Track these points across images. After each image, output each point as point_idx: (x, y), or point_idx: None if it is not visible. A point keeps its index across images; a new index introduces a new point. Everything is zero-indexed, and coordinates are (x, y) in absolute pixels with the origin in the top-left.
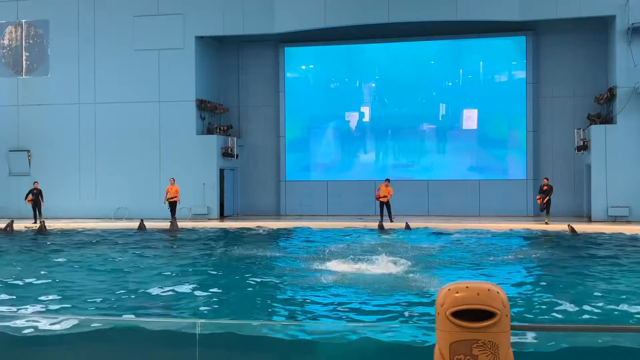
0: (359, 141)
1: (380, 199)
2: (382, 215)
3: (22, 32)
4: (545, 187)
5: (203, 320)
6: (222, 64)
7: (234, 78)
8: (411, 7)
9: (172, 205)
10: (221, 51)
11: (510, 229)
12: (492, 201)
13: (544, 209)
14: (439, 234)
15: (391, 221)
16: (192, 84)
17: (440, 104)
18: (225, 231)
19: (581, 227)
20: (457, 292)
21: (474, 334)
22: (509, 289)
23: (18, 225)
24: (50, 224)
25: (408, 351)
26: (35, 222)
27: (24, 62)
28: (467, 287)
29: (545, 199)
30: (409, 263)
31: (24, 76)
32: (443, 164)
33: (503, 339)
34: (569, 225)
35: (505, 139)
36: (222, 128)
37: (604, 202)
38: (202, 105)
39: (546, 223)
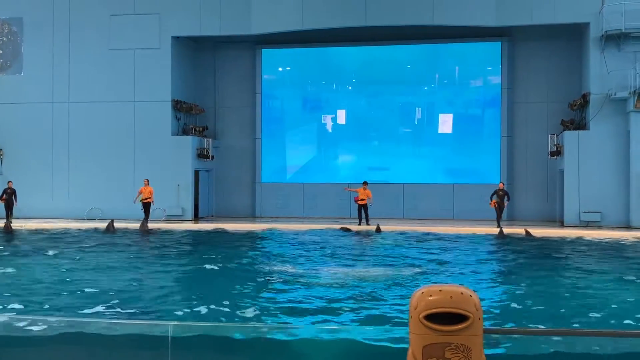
0: (335, 144)
1: (359, 202)
2: (360, 217)
3: None
4: (500, 192)
5: (175, 323)
6: (198, 65)
7: (210, 79)
8: (388, 11)
9: (146, 206)
10: (197, 52)
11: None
12: (466, 205)
13: (501, 213)
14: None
15: (367, 224)
16: (167, 84)
17: (416, 108)
18: (198, 232)
19: (542, 232)
20: (431, 295)
21: (447, 337)
22: (482, 292)
23: None
24: (21, 224)
25: (383, 353)
26: (8, 221)
27: None
28: (440, 290)
29: (503, 204)
30: (374, 265)
31: None
32: (418, 168)
33: (475, 342)
34: (525, 229)
35: (480, 143)
36: (197, 129)
37: (576, 207)
38: (178, 106)
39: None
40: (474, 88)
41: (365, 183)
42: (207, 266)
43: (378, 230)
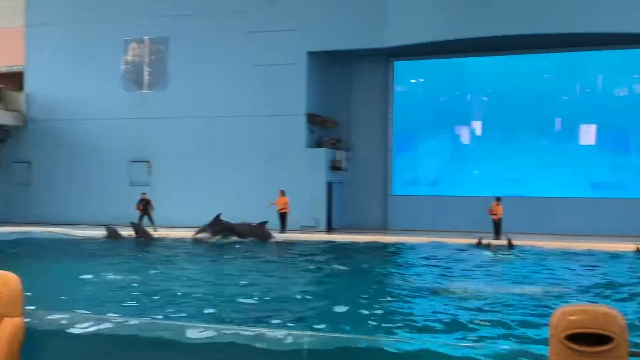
0: (469, 156)
1: (492, 217)
2: (496, 232)
3: (144, 49)
4: None
5: (311, 333)
6: (332, 78)
7: (343, 92)
8: (525, 20)
9: (282, 216)
10: (331, 65)
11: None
12: (610, 220)
13: None
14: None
15: (495, 238)
16: (303, 99)
17: (555, 119)
18: (334, 244)
19: None
20: (572, 315)
21: (589, 358)
22: (628, 313)
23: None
24: (162, 233)
25: None
26: (154, 229)
27: (145, 77)
28: (582, 310)
29: None
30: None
31: (145, 91)
32: (558, 181)
33: None
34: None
35: (625, 155)
36: (331, 141)
37: None
38: (312, 119)
39: None
40: (618, 97)
41: (497, 198)
42: (346, 276)
43: (510, 245)
